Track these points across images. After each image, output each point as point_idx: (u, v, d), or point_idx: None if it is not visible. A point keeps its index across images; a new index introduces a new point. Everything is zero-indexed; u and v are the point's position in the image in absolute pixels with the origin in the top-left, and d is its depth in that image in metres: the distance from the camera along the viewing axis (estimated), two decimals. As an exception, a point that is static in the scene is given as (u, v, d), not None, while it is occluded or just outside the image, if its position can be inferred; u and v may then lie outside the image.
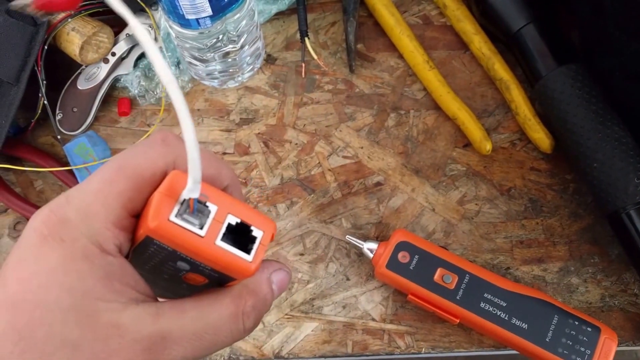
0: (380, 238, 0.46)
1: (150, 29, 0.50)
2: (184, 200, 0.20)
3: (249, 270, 0.21)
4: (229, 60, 0.48)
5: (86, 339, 0.18)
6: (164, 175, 0.21)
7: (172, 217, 0.20)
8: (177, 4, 0.41)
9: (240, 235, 0.21)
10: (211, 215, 0.21)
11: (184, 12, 0.42)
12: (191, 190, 0.20)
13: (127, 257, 0.22)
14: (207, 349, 0.21)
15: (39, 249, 0.19)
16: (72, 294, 0.19)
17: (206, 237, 0.20)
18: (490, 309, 0.40)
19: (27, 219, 0.48)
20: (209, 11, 0.42)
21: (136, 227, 0.22)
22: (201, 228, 0.20)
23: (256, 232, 0.21)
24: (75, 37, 0.47)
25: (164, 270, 0.23)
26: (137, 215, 0.22)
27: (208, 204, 0.21)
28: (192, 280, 0.24)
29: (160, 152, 0.22)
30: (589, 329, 0.39)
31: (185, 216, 0.20)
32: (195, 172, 0.19)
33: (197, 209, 0.20)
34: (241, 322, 0.22)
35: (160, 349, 0.20)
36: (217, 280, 0.23)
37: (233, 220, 0.21)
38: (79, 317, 0.19)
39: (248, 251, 0.21)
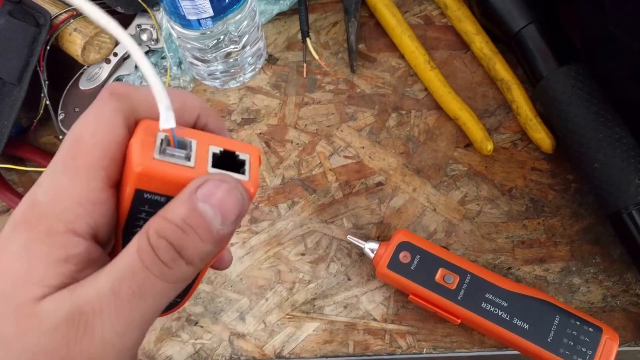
0: (382, 238, 0.46)
1: (152, 29, 0.50)
2: (162, 139, 0.19)
3: (249, 191, 0.20)
4: (231, 60, 0.48)
5: (12, 334, 0.17)
6: (128, 129, 0.19)
7: (156, 156, 0.18)
8: (179, 4, 0.41)
9: (227, 164, 0.20)
10: (194, 147, 0.19)
11: (185, 13, 0.42)
12: (165, 119, 0.18)
13: (120, 234, 0.20)
14: (135, 311, 0.18)
15: (8, 238, 0.18)
16: (12, 283, 0.17)
17: (196, 167, 0.19)
18: (492, 309, 0.40)
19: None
20: (210, 12, 0.42)
21: (120, 194, 0.20)
22: (188, 160, 0.19)
23: (243, 156, 0.20)
24: (78, 37, 0.47)
25: None
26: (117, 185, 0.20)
27: (186, 139, 0.19)
28: None
29: (114, 107, 0.19)
30: (590, 329, 0.39)
31: (168, 151, 0.19)
32: (163, 99, 0.18)
33: (177, 142, 0.19)
34: (156, 272, 0.18)
35: (81, 328, 0.17)
36: None
37: (216, 149, 0.20)
38: (9, 308, 0.17)
39: (242, 173, 0.20)
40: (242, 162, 0.20)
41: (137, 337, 0.18)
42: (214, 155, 0.20)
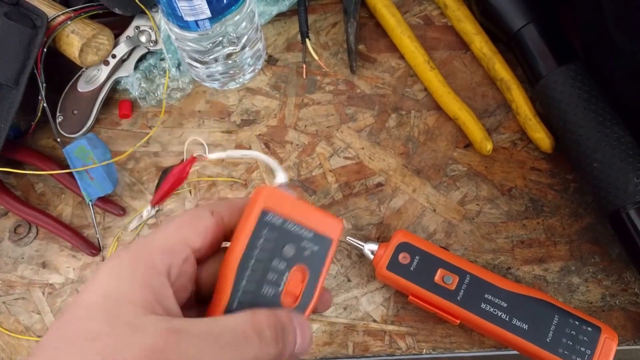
0: (382, 239, 0.46)
1: (151, 30, 0.50)
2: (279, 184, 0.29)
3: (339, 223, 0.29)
4: (230, 61, 0.48)
5: (105, 333, 0.21)
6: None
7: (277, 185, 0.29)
8: (176, 6, 0.41)
9: None
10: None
11: (183, 14, 0.42)
12: (281, 177, 0.30)
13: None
14: (224, 351, 0.22)
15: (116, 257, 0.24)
16: (106, 296, 0.22)
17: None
18: (491, 309, 0.40)
19: (28, 222, 0.48)
20: (207, 13, 0.42)
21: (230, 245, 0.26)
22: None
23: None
24: (75, 39, 0.47)
25: (268, 272, 0.26)
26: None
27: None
28: (289, 296, 0.27)
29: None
30: (589, 328, 0.39)
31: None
32: (277, 167, 0.29)
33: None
34: (256, 331, 0.23)
35: (174, 342, 0.21)
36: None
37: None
38: (105, 315, 0.21)
39: None
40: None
41: None
42: None
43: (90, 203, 0.47)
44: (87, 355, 0.20)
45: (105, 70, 0.50)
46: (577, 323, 0.40)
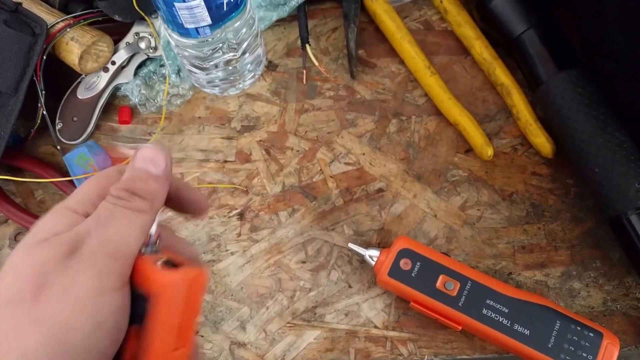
0: (383, 245, 0.46)
1: (150, 37, 0.50)
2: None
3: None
4: (230, 67, 0.48)
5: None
6: None
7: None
8: (176, 13, 0.41)
9: None
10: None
11: (183, 22, 0.42)
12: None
13: None
14: (114, 225, 0.23)
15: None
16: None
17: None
18: (493, 315, 0.40)
19: (28, 230, 0.48)
20: (208, 20, 0.42)
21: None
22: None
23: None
24: (75, 46, 0.47)
25: None
26: None
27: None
28: None
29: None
30: (591, 334, 0.39)
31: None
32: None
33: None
34: (118, 203, 0.24)
35: (76, 244, 0.23)
36: None
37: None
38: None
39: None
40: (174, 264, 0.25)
41: (116, 250, 0.23)
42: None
43: (90, 210, 0.47)
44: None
45: (104, 77, 0.50)
46: (578, 328, 0.40)
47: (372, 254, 0.43)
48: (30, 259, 0.22)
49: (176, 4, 0.40)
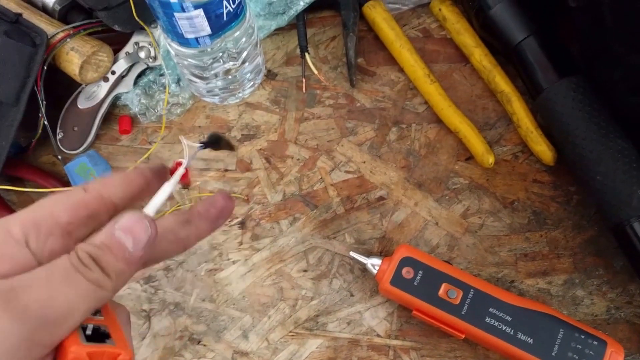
0: (384, 253, 0.46)
1: (150, 46, 0.50)
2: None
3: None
4: (230, 76, 0.48)
5: None
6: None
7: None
8: (176, 23, 0.41)
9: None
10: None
11: (183, 32, 0.42)
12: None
13: None
14: (61, 293, 0.21)
15: None
16: None
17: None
18: (496, 323, 0.40)
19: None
20: (208, 30, 0.42)
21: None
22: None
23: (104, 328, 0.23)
24: (75, 56, 0.47)
25: None
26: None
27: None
28: None
29: None
30: (595, 342, 0.39)
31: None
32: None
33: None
34: (79, 269, 0.22)
35: (13, 295, 0.20)
36: None
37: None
38: None
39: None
40: (106, 333, 0.23)
41: (55, 317, 0.21)
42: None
43: (91, 220, 0.47)
44: None
45: (104, 87, 0.50)
46: (582, 337, 0.39)
47: (374, 263, 0.43)
48: None
49: (176, 14, 0.40)
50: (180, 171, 0.27)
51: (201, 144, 0.29)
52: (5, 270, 0.21)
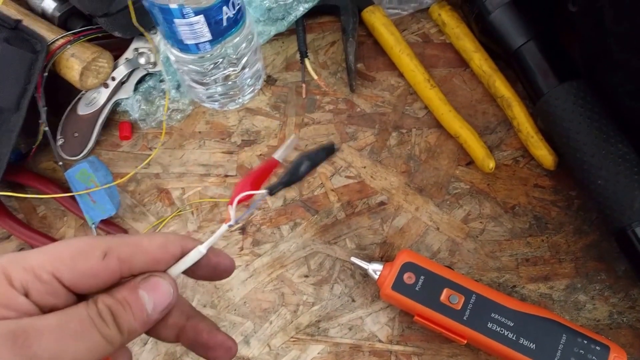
0: (385, 258, 0.46)
1: (149, 52, 0.50)
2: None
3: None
4: (230, 82, 0.48)
5: None
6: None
7: None
8: (176, 29, 0.41)
9: None
10: None
11: (183, 38, 0.42)
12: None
13: None
14: (72, 345, 0.21)
15: None
16: None
17: None
18: (498, 329, 0.40)
19: (31, 246, 0.48)
20: (208, 36, 0.42)
21: None
22: None
23: None
24: (75, 63, 0.47)
25: None
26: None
27: None
28: None
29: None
30: (597, 347, 0.39)
31: None
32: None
33: None
34: (96, 323, 0.22)
35: (23, 340, 0.20)
36: None
37: None
38: None
39: None
40: None
41: None
42: None
43: (93, 226, 0.47)
44: None
45: (104, 93, 0.50)
46: (585, 342, 0.39)
47: (375, 268, 0.43)
48: None
49: (176, 20, 0.40)
50: (218, 234, 0.26)
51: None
52: (11, 316, 0.21)
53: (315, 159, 0.28)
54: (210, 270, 0.27)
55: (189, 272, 0.26)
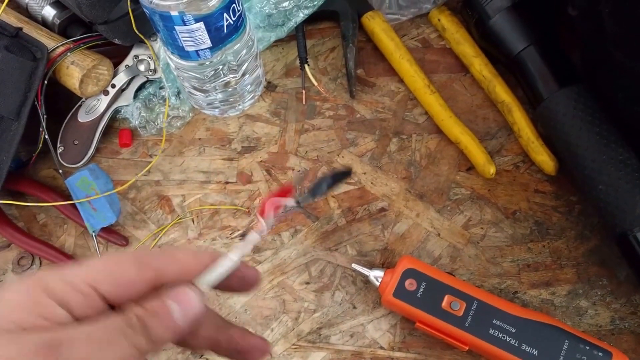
0: (386, 264, 0.46)
1: (149, 59, 0.50)
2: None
3: None
4: (230, 89, 0.48)
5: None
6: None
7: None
8: (177, 36, 0.41)
9: None
10: None
11: (184, 45, 0.42)
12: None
13: None
14: (100, 352, 0.21)
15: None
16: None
17: None
18: (500, 335, 0.40)
19: (31, 254, 0.48)
20: (208, 43, 0.42)
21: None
22: None
23: None
24: (75, 70, 0.47)
25: None
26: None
27: None
28: None
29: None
30: (600, 353, 0.39)
31: None
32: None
33: None
34: (126, 332, 0.22)
35: (56, 349, 0.20)
36: None
37: None
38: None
39: None
40: None
41: None
42: None
43: (93, 234, 0.47)
44: None
45: (104, 100, 0.50)
46: (587, 348, 0.39)
47: (376, 275, 0.43)
48: (5, 351, 0.20)
49: (177, 28, 0.40)
50: (249, 243, 0.27)
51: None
52: (47, 326, 0.21)
53: (335, 179, 0.31)
54: (238, 281, 0.27)
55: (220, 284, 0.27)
